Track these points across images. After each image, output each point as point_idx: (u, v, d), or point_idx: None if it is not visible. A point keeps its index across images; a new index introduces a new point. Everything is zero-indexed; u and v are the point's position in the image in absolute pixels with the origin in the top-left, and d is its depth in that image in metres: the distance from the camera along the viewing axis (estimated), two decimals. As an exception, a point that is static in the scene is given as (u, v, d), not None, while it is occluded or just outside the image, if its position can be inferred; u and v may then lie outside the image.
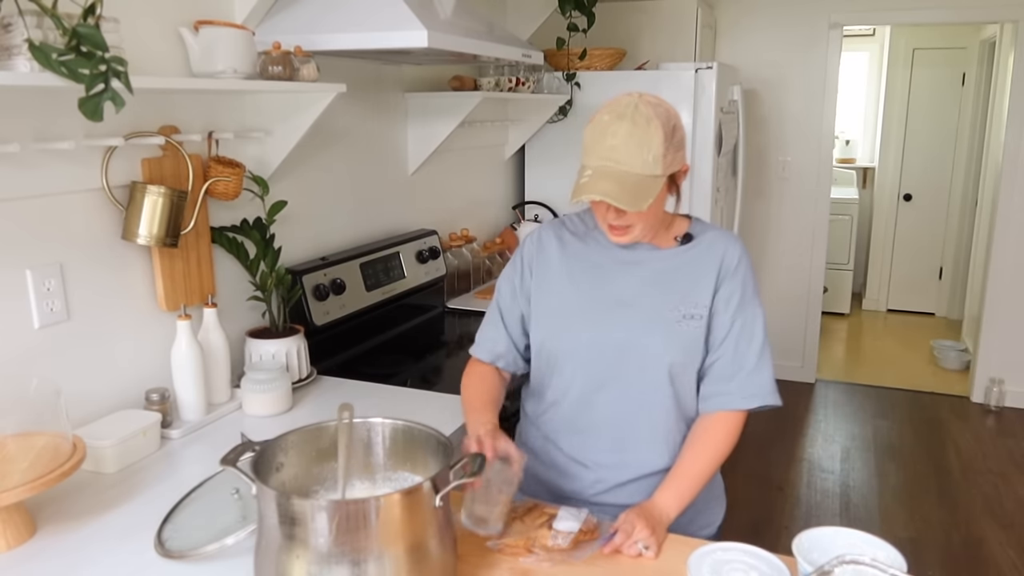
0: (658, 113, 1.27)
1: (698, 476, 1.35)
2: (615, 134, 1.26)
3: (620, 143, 1.26)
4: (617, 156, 1.26)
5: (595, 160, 1.28)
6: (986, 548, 3.03)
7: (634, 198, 1.25)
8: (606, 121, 1.28)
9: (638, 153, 1.25)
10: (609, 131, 1.27)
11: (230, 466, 1.04)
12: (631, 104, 1.28)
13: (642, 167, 1.26)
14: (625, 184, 1.25)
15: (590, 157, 1.29)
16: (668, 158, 1.28)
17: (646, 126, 1.26)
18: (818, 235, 4.59)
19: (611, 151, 1.26)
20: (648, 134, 1.25)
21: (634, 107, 1.27)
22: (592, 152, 1.28)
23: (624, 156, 1.26)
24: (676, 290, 1.37)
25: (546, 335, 1.44)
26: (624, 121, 1.26)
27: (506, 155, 3.44)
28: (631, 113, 1.26)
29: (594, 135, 1.29)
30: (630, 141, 1.25)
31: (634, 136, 1.25)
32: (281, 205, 1.92)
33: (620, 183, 1.25)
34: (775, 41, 4.40)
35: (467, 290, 2.95)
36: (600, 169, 1.27)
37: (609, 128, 1.27)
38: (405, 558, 0.98)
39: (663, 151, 1.26)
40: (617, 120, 1.27)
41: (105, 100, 1.21)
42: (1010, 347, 4.31)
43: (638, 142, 1.25)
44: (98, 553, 1.20)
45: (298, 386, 1.88)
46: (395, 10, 1.81)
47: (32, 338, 1.48)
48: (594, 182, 1.26)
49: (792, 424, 4.19)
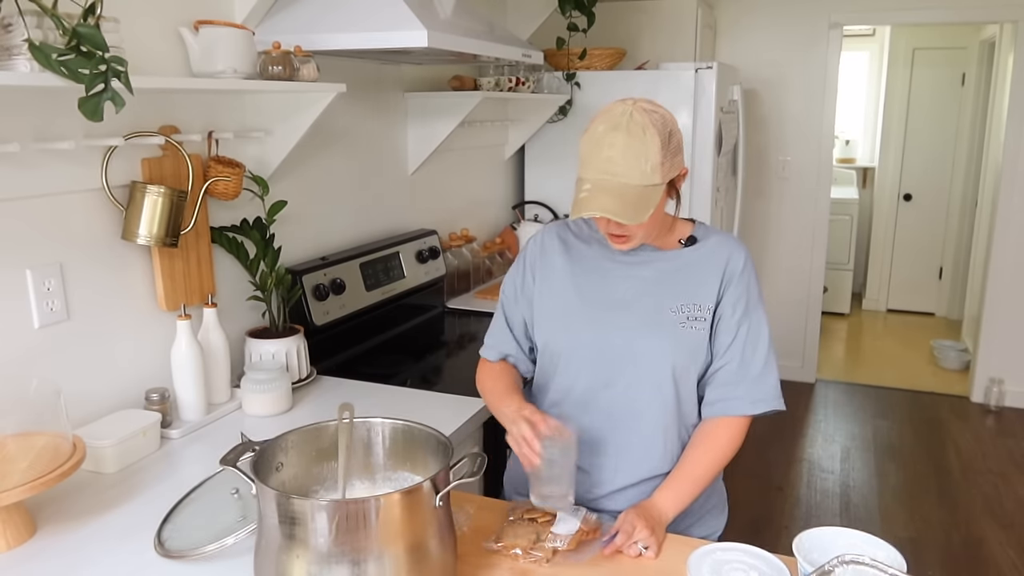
0: (653, 120, 1.26)
1: (699, 479, 1.35)
2: (612, 145, 1.24)
3: (617, 155, 1.24)
4: (614, 168, 1.24)
5: (593, 173, 1.26)
6: (986, 548, 3.03)
7: (634, 210, 1.24)
8: (601, 132, 1.26)
9: (635, 164, 1.24)
10: (605, 143, 1.25)
11: (230, 466, 1.04)
12: (625, 113, 1.26)
13: (640, 178, 1.24)
14: (625, 197, 1.24)
15: (587, 170, 1.27)
16: (666, 165, 1.27)
17: (642, 135, 1.24)
18: (818, 235, 4.60)
19: (608, 163, 1.25)
20: (644, 144, 1.24)
21: (628, 116, 1.25)
22: (589, 165, 1.27)
23: (622, 168, 1.24)
24: (679, 292, 1.37)
25: (549, 335, 1.44)
26: (619, 132, 1.24)
27: (506, 155, 3.44)
28: (626, 123, 1.25)
29: (590, 147, 1.27)
30: (627, 152, 1.24)
31: (631, 147, 1.24)
32: (281, 205, 1.92)
33: (619, 196, 1.24)
34: (775, 41, 4.40)
35: (467, 290, 2.95)
36: (598, 183, 1.26)
37: (605, 139, 1.25)
38: (405, 558, 0.98)
39: (660, 159, 1.25)
40: (612, 131, 1.25)
41: (105, 100, 1.21)
42: (1010, 347, 4.31)
43: (635, 153, 1.24)
44: (98, 553, 1.20)
45: (298, 386, 1.88)
46: (395, 10, 1.81)
47: (32, 338, 1.48)
48: (593, 197, 1.25)
49: (792, 424, 4.19)
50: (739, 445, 1.38)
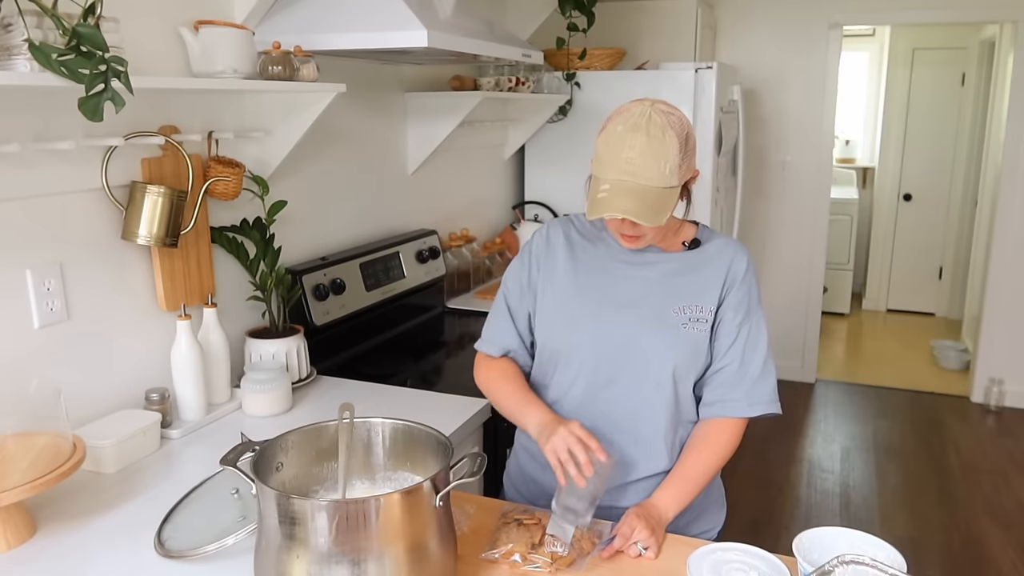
0: (672, 123, 1.25)
1: (698, 479, 1.35)
2: (632, 147, 1.24)
3: (637, 156, 1.23)
4: (634, 169, 1.24)
5: (612, 174, 1.25)
6: (986, 548, 3.02)
7: (654, 212, 1.24)
8: (620, 132, 1.25)
9: (655, 166, 1.23)
10: (626, 144, 1.24)
11: (230, 466, 1.04)
12: (644, 114, 1.25)
13: (659, 180, 1.24)
14: (645, 199, 1.24)
15: (606, 170, 1.26)
16: (683, 168, 1.27)
17: (662, 137, 1.24)
18: (818, 235, 4.59)
19: (628, 164, 1.24)
20: (664, 146, 1.24)
21: (648, 117, 1.25)
22: (608, 165, 1.26)
23: (641, 169, 1.23)
24: (681, 293, 1.37)
25: (550, 332, 1.44)
26: (639, 133, 1.24)
27: (506, 155, 3.44)
28: (645, 124, 1.24)
29: (609, 147, 1.26)
30: (647, 154, 1.23)
31: (651, 149, 1.23)
32: (281, 205, 1.92)
33: (640, 198, 1.24)
34: (775, 41, 4.40)
35: (467, 290, 2.95)
36: (618, 184, 1.25)
37: (625, 141, 1.24)
38: (405, 558, 0.98)
39: (679, 162, 1.25)
40: (632, 132, 1.24)
41: (105, 100, 1.21)
42: (1010, 347, 4.31)
43: (655, 155, 1.23)
44: (98, 553, 1.20)
45: (298, 386, 1.88)
46: (395, 10, 1.81)
47: (32, 338, 1.48)
48: (613, 198, 1.24)
49: (792, 424, 4.19)
50: (737, 446, 1.39)
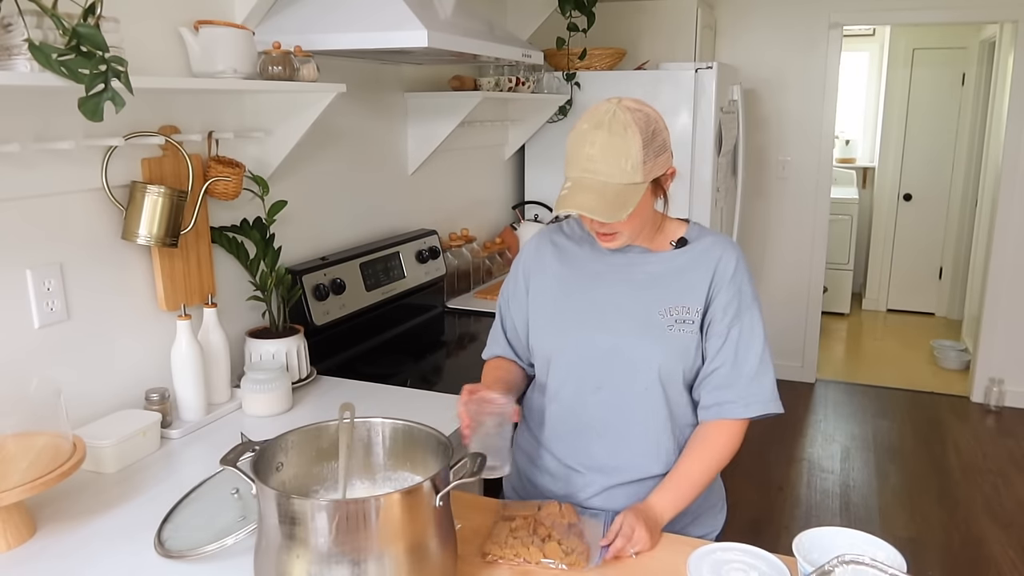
0: (636, 119, 1.26)
1: (696, 482, 1.35)
2: (592, 143, 1.25)
3: (597, 152, 1.25)
4: (595, 166, 1.25)
5: (575, 171, 1.28)
6: (986, 548, 3.03)
7: (613, 208, 1.24)
8: (584, 130, 1.27)
9: (616, 162, 1.24)
10: (587, 140, 1.26)
11: (230, 466, 1.04)
12: (609, 112, 1.26)
13: (621, 176, 1.25)
14: (604, 195, 1.25)
15: (570, 168, 1.29)
16: (648, 164, 1.26)
17: (623, 134, 1.24)
18: (818, 235, 4.59)
19: (589, 161, 1.25)
20: (626, 142, 1.24)
21: (612, 115, 1.26)
22: (572, 163, 1.28)
23: (602, 166, 1.25)
24: (667, 294, 1.37)
25: (540, 340, 1.45)
26: (601, 130, 1.25)
27: (506, 155, 3.44)
28: (608, 121, 1.25)
29: (573, 145, 1.28)
30: (608, 150, 1.24)
31: (611, 145, 1.24)
32: (281, 205, 1.92)
33: (599, 194, 1.25)
34: (775, 41, 4.40)
35: (467, 290, 2.95)
36: (579, 180, 1.27)
37: (587, 137, 1.26)
38: (405, 558, 0.98)
39: (642, 158, 1.25)
40: (595, 129, 1.26)
41: (105, 100, 1.21)
42: (1010, 347, 4.31)
43: (616, 151, 1.24)
44: (98, 553, 1.20)
45: (298, 386, 1.88)
46: (395, 10, 1.81)
47: (32, 338, 1.48)
48: (573, 195, 1.26)
49: (792, 424, 4.19)
50: (736, 448, 1.37)
